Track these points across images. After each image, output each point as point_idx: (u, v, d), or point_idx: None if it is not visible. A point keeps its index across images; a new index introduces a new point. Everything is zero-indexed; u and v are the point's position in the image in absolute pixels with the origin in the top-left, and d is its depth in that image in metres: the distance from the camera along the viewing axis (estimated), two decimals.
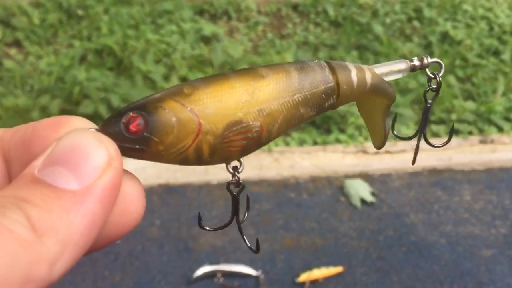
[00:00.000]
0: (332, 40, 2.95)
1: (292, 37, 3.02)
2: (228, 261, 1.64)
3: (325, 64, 0.42)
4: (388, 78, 0.46)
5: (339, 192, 1.99)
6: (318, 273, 1.60)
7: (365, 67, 0.44)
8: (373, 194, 1.97)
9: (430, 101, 0.48)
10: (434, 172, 2.13)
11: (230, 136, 0.37)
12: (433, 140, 2.23)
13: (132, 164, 1.98)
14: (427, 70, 0.46)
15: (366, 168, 2.13)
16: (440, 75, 0.46)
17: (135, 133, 0.36)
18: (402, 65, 0.45)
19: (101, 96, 2.28)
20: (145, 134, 0.36)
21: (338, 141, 2.29)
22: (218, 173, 2.05)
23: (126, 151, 0.36)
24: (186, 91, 0.37)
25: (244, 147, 0.38)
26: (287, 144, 2.28)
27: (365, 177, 2.08)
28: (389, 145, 2.26)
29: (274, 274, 1.62)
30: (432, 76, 0.46)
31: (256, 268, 1.62)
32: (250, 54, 2.84)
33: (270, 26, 3.16)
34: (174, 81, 2.51)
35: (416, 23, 3.14)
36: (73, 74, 2.43)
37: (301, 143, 2.29)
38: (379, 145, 0.48)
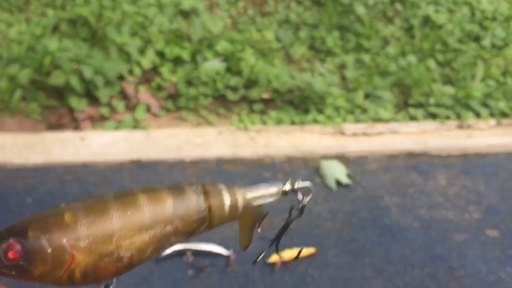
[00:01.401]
0: (313, 19, 2.90)
1: (273, 15, 2.95)
2: (198, 239, 1.61)
3: (201, 191, 0.46)
4: (259, 201, 0.51)
5: (315, 173, 1.96)
6: (290, 253, 1.57)
7: (239, 192, 0.48)
8: (349, 176, 1.95)
9: (292, 218, 0.54)
10: (410, 155, 2.12)
11: (101, 265, 0.41)
12: (410, 124, 2.20)
13: (103, 139, 1.92)
14: (298, 193, 0.52)
15: (343, 150, 2.10)
16: (306, 200, 0.52)
17: (12, 261, 0.39)
18: (274, 189, 0.51)
19: (73, 67, 2.19)
20: (21, 262, 0.39)
21: (315, 121, 2.25)
22: (192, 150, 2.00)
23: (3, 274, 0.40)
24: (67, 220, 0.41)
25: (115, 273, 0.42)
26: (264, 123, 2.24)
27: (342, 158, 2.05)
28: (366, 127, 2.24)
29: (244, 254, 1.59)
30: (300, 199, 0.52)
31: (226, 248, 1.59)
32: (229, 30, 2.77)
33: (252, 3, 3.08)
34: (150, 55, 2.43)
35: (398, 6, 3.10)
36: (44, 43, 2.34)
37: (278, 122, 2.25)
38: (245, 247, 0.55)
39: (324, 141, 2.15)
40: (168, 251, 1.53)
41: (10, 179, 1.77)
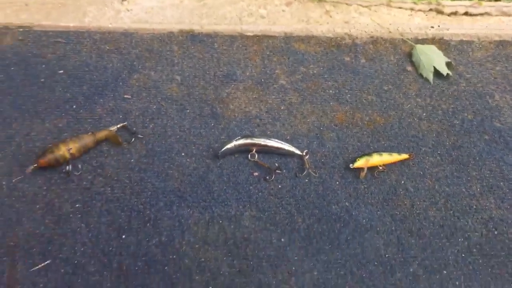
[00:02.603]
0: None
1: None
2: (264, 134, 1.30)
3: None
4: None
5: (406, 60, 1.58)
6: (378, 158, 1.26)
7: None
8: (449, 65, 1.56)
9: None
10: None
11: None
12: None
13: (148, 3, 1.56)
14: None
15: (441, 32, 1.68)
16: None
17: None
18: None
19: None
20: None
21: None
22: (255, 22, 1.62)
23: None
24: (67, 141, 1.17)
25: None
26: None
27: (439, 43, 1.64)
28: (470, 4, 1.79)
29: (322, 155, 1.29)
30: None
31: (299, 147, 1.28)
32: None
33: None
34: None
35: None
36: None
37: None
38: None
39: (417, 20, 1.73)
40: (229, 145, 1.23)
41: (38, 45, 1.45)
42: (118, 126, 1.26)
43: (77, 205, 1.13)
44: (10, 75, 1.36)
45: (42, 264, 1.03)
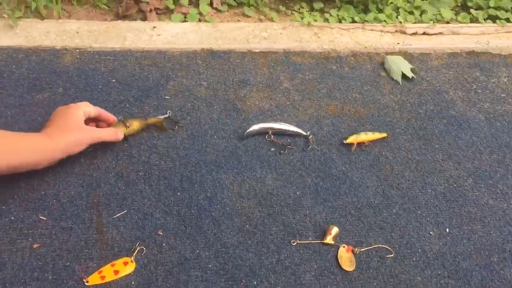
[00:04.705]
0: None
1: None
2: (278, 120, 1.69)
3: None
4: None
5: (380, 67, 2.01)
6: (365, 136, 1.66)
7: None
8: (413, 70, 1.99)
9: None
10: (472, 54, 2.14)
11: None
12: (470, 25, 2.19)
13: (173, 29, 1.96)
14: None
15: (406, 47, 2.13)
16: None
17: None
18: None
19: None
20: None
21: (376, 19, 2.26)
22: (259, 42, 2.04)
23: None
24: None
25: None
26: (326, 20, 2.25)
27: (405, 55, 2.09)
28: (426, 26, 2.25)
29: (322, 136, 1.68)
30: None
31: (304, 131, 1.67)
32: None
33: None
34: None
35: None
36: None
37: (340, 20, 2.26)
38: None
39: (386, 39, 2.17)
40: (251, 129, 1.61)
41: (92, 61, 1.83)
42: (165, 116, 1.62)
43: (140, 173, 1.48)
44: (74, 84, 1.73)
45: (120, 213, 1.37)
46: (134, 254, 1.28)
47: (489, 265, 1.35)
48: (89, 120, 1.49)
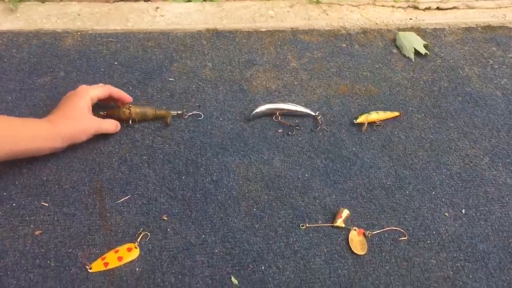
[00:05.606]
0: None
1: None
2: (285, 101, 1.63)
3: None
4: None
5: (391, 44, 1.93)
6: (376, 116, 1.59)
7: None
8: (426, 46, 1.91)
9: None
10: (488, 28, 2.06)
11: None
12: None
13: (177, 9, 1.90)
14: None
15: (418, 22, 2.05)
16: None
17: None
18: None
19: None
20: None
21: None
22: (266, 21, 1.97)
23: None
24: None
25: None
26: None
27: (418, 31, 2.01)
28: (440, 1, 2.16)
29: (331, 116, 1.62)
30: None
31: (312, 111, 1.61)
32: None
33: None
34: None
35: None
36: None
37: None
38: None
39: (397, 15, 2.09)
40: (258, 110, 1.56)
41: (94, 44, 1.79)
42: (178, 112, 1.56)
43: (144, 157, 1.44)
44: (76, 67, 1.69)
45: (124, 198, 1.34)
46: (138, 240, 1.25)
47: (507, 247, 1.30)
48: (103, 101, 1.47)
